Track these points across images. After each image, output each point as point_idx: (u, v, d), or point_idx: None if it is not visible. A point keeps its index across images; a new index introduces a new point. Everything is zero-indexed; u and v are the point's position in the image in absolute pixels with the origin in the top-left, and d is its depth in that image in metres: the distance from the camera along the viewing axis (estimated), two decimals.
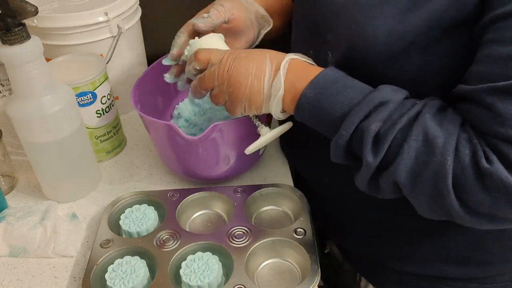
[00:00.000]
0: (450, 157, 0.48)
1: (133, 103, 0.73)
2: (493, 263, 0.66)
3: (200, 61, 0.63)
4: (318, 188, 0.75)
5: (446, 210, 0.51)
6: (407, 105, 0.53)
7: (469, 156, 0.48)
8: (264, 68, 0.59)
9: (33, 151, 0.72)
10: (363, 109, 0.52)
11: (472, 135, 0.50)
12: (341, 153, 0.56)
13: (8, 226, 0.69)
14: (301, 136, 0.74)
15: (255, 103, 0.61)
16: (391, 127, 0.51)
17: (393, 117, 0.52)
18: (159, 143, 0.76)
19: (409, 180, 0.51)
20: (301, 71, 0.59)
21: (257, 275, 0.64)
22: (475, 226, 0.52)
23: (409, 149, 0.50)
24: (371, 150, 0.52)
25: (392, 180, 0.52)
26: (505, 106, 0.46)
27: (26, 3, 0.61)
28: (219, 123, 0.66)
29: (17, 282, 0.66)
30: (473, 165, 0.48)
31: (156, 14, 1.03)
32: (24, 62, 0.63)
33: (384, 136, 0.51)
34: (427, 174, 0.50)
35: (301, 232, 0.66)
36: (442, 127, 0.50)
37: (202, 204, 0.73)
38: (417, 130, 0.50)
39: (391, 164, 0.52)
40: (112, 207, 0.72)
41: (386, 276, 0.75)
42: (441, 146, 0.49)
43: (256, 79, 0.59)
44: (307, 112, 0.57)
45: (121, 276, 0.61)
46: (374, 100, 0.52)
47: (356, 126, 0.53)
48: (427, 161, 0.50)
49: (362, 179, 0.55)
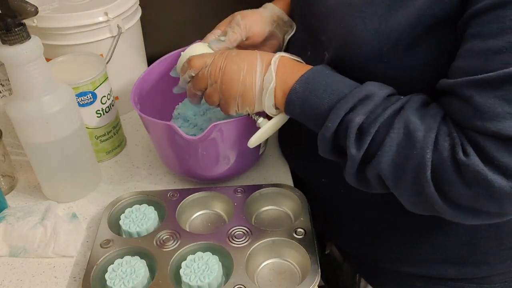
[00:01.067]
0: (429, 150, 0.49)
1: (133, 103, 0.73)
2: (490, 263, 0.66)
3: (195, 67, 0.64)
4: (317, 188, 0.75)
5: (429, 204, 0.52)
6: (392, 100, 0.54)
7: (448, 149, 0.49)
8: (255, 64, 0.61)
9: (33, 151, 0.72)
10: (349, 102, 0.54)
11: (452, 128, 0.50)
12: (327, 146, 0.57)
13: (8, 226, 0.69)
14: (297, 137, 0.74)
15: (248, 99, 0.62)
16: (374, 120, 0.52)
17: (377, 110, 0.53)
18: (159, 143, 0.76)
19: (391, 173, 0.52)
20: (291, 67, 0.60)
21: (257, 275, 0.64)
22: (461, 220, 0.53)
23: (391, 142, 0.51)
24: (354, 142, 0.53)
25: (376, 173, 0.53)
26: (483, 99, 0.47)
27: (26, 3, 0.61)
28: (219, 122, 0.67)
29: (17, 282, 0.66)
30: (452, 158, 0.49)
31: (156, 14, 1.03)
32: (24, 62, 0.63)
33: (367, 129, 0.52)
34: (408, 167, 0.51)
35: (301, 232, 0.66)
36: (423, 120, 0.51)
37: (202, 204, 0.73)
38: (399, 123, 0.51)
39: (374, 157, 0.53)
40: (112, 207, 0.72)
41: (385, 277, 0.75)
42: (421, 139, 0.50)
43: (248, 74, 0.61)
44: (297, 107, 0.59)
45: (121, 276, 0.61)
46: (360, 93, 0.54)
47: (342, 118, 0.54)
48: (408, 154, 0.50)
49: (349, 172, 0.56)
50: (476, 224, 0.62)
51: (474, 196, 0.48)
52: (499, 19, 0.46)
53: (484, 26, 0.47)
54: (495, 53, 0.46)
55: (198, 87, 0.65)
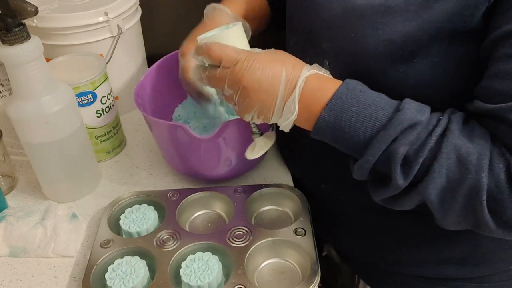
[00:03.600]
0: (485, 174, 0.48)
1: (137, 105, 0.73)
2: (491, 262, 0.66)
3: (212, 57, 0.57)
4: (316, 192, 0.75)
5: (474, 223, 0.51)
6: (433, 121, 0.51)
7: (503, 171, 0.48)
8: (278, 86, 0.55)
9: (33, 151, 0.72)
10: (391, 135, 0.50)
11: (504, 149, 0.49)
12: (365, 175, 0.54)
13: (8, 226, 0.69)
14: (298, 144, 0.74)
15: (264, 116, 0.58)
16: (420, 148, 0.50)
17: (421, 137, 0.50)
18: (166, 144, 0.76)
19: (439, 198, 0.50)
20: (317, 90, 0.55)
21: (257, 275, 0.64)
22: (506, 237, 0.52)
23: (440, 168, 0.49)
24: (401, 173, 0.50)
25: (420, 198, 0.51)
26: None
27: (26, 3, 0.61)
28: (230, 121, 0.66)
29: (17, 282, 0.66)
30: (508, 180, 0.48)
31: (156, 14, 1.03)
32: (24, 62, 0.63)
33: (414, 158, 0.50)
34: (460, 191, 0.49)
35: (301, 232, 0.66)
36: (474, 142, 0.49)
37: (202, 204, 0.73)
38: (448, 148, 0.49)
39: (419, 182, 0.50)
40: (112, 207, 0.72)
41: (384, 278, 0.75)
42: (475, 163, 0.48)
43: (268, 96, 0.55)
44: (328, 135, 0.55)
45: (121, 276, 0.61)
46: (403, 124, 0.50)
47: (384, 150, 0.51)
48: (461, 179, 0.49)
49: (383, 195, 0.54)
50: None
51: None
52: None
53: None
54: None
55: (213, 85, 0.60)
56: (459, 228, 0.54)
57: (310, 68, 0.56)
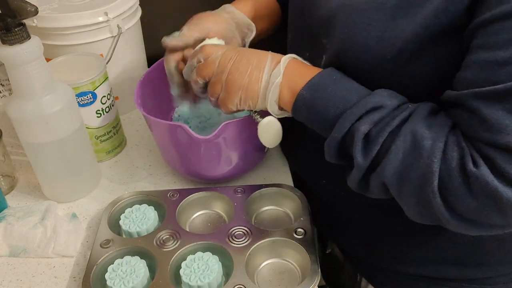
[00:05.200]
0: (437, 159, 0.48)
1: (138, 105, 0.73)
2: (491, 264, 0.66)
3: (206, 52, 0.63)
4: (317, 190, 0.75)
5: (433, 214, 0.51)
6: (402, 107, 0.53)
7: (456, 159, 0.48)
8: (265, 60, 0.60)
9: (33, 151, 0.72)
10: (355, 113, 0.53)
11: (461, 138, 0.50)
12: (334, 154, 0.56)
13: (8, 226, 0.69)
14: (298, 138, 0.74)
15: (252, 92, 0.60)
16: (382, 129, 0.52)
17: (385, 119, 0.52)
18: (166, 145, 0.76)
19: (396, 181, 0.51)
20: (301, 68, 0.60)
21: (257, 275, 0.64)
22: (464, 231, 0.52)
23: (397, 150, 0.50)
24: (361, 151, 0.52)
25: (380, 181, 0.52)
26: (490, 111, 0.46)
27: (26, 3, 0.61)
28: (230, 121, 0.66)
29: (17, 282, 0.66)
30: (460, 169, 0.48)
31: (156, 14, 1.03)
32: (24, 62, 0.63)
33: (374, 138, 0.52)
34: (414, 176, 0.50)
35: (301, 232, 0.66)
36: (431, 129, 0.50)
37: (202, 204, 0.73)
38: (406, 131, 0.50)
39: (379, 164, 0.52)
40: (112, 207, 0.72)
41: (386, 277, 0.75)
42: (428, 148, 0.49)
43: (256, 69, 0.60)
44: (304, 114, 0.58)
45: (121, 276, 0.61)
46: (367, 104, 0.53)
47: (348, 129, 0.53)
48: (414, 163, 0.50)
49: (353, 179, 0.55)
50: None
51: (480, 208, 0.48)
52: (506, 30, 0.45)
53: (490, 37, 0.47)
54: (501, 64, 0.46)
55: (203, 73, 0.63)
56: (425, 221, 0.54)
57: (295, 55, 0.61)
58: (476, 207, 0.48)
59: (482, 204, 0.47)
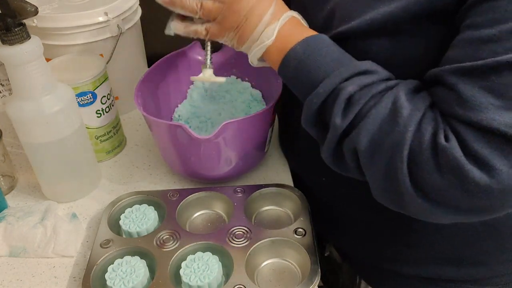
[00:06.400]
0: (411, 129, 0.48)
1: (137, 105, 0.73)
2: (489, 264, 0.66)
3: None
4: (316, 188, 0.75)
5: (397, 191, 0.50)
6: (391, 78, 0.53)
7: (430, 132, 0.48)
8: (267, 11, 0.59)
9: (33, 151, 0.72)
10: (346, 72, 0.53)
11: (438, 114, 0.49)
12: (312, 116, 0.55)
13: (8, 226, 0.69)
14: (297, 135, 0.74)
15: (240, 38, 0.60)
16: (366, 93, 0.51)
17: (371, 83, 0.52)
18: (166, 145, 0.76)
19: (368, 147, 0.50)
20: (296, 29, 0.59)
21: (257, 275, 0.64)
22: (426, 216, 0.51)
23: (375, 114, 0.50)
24: (341, 111, 0.52)
25: (353, 146, 0.52)
26: (467, 88, 0.46)
27: (26, 3, 0.61)
28: (230, 121, 0.66)
29: (17, 282, 0.66)
30: (432, 142, 0.47)
31: (156, 14, 1.03)
32: (24, 62, 0.63)
33: (357, 100, 0.51)
34: (386, 143, 0.49)
35: (301, 232, 0.66)
36: (412, 101, 0.50)
37: (202, 204, 0.73)
38: (388, 98, 0.50)
39: (355, 127, 0.51)
40: (112, 207, 0.72)
41: (384, 277, 0.75)
42: (405, 117, 0.49)
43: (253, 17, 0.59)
44: (292, 68, 0.57)
45: (121, 276, 0.61)
46: (360, 66, 0.53)
47: (335, 86, 0.53)
48: (389, 130, 0.49)
49: (327, 147, 0.55)
50: (471, 223, 0.62)
51: (445, 185, 0.47)
52: (492, 9, 0.45)
53: (477, 17, 0.47)
54: (485, 42, 0.45)
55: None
56: (388, 202, 0.53)
57: (296, 14, 0.60)
58: (442, 184, 0.47)
59: (447, 180, 0.46)
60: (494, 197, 0.45)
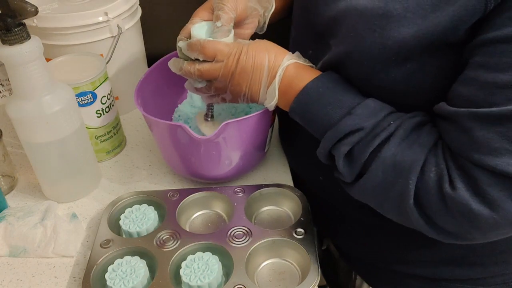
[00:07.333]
0: (412, 180, 0.51)
1: (137, 105, 0.73)
2: (485, 265, 0.67)
3: (207, 55, 0.63)
4: (315, 187, 0.75)
5: (412, 225, 0.54)
6: (383, 125, 0.55)
7: (433, 180, 0.50)
8: (262, 74, 0.63)
9: (33, 151, 0.72)
10: (334, 136, 0.57)
11: (440, 159, 0.51)
12: (325, 161, 0.61)
13: (8, 226, 0.69)
14: (296, 134, 0.75)
15: (252, 99, 0.66)
16: (363, 149, 0.55)
17: (364, 139, 0.55)
18: (167, 145, 0.76)
19: (375, 198, 0.55)
20: (294, 78, 0.62)
21: (257, 275, 0.64)
22: (444, 241, 0.54)
23: (377, 169, 0.53)
24: (345, 168, 0.57)
25: (361, 197, 0.57)
26: (483, 133, 0.47)
27: (26, 3, 0.61)
28: (230, 121, 0.66)
29: (17, 282, 0.66)
30: (438, 190, 0.50)
31: (156, 14, 1.04)
32: (24, 62, 0.63)
33: (357, 157, 0.55)
34: (392, 193, 0.53)
35: (301, 232, 0.66)
36: (411, 149, 0.52)
37: (202, 204, 0.73)
38: (387, 153, 0.53)
39: (361, 178, 0.56)
40: (112, 207, 0.72)
41: (380, 275, 0.76)
42: (407, 168, 0.51)
43: (254, 83, 0.64)
44: (299, 121, 0.63)
45: (121, 276, 0.61)
46: (345, 128, 0.55)
47: (331, 147, 0.58)
48: (393, 182, 0.52)
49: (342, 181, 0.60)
50: None
51: (458, 225, 0.50)
52: (508, 53, 0.46)
53: (492, 58, 0.47)
54: (500, 87, 0.46)
55: (205, 78, 0.65)
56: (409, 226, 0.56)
57: (290, 57, 0.63)
58: (454, 224, 0.50)
59: (460, 221, 0.50)
60: (503, 228, 0.49)
